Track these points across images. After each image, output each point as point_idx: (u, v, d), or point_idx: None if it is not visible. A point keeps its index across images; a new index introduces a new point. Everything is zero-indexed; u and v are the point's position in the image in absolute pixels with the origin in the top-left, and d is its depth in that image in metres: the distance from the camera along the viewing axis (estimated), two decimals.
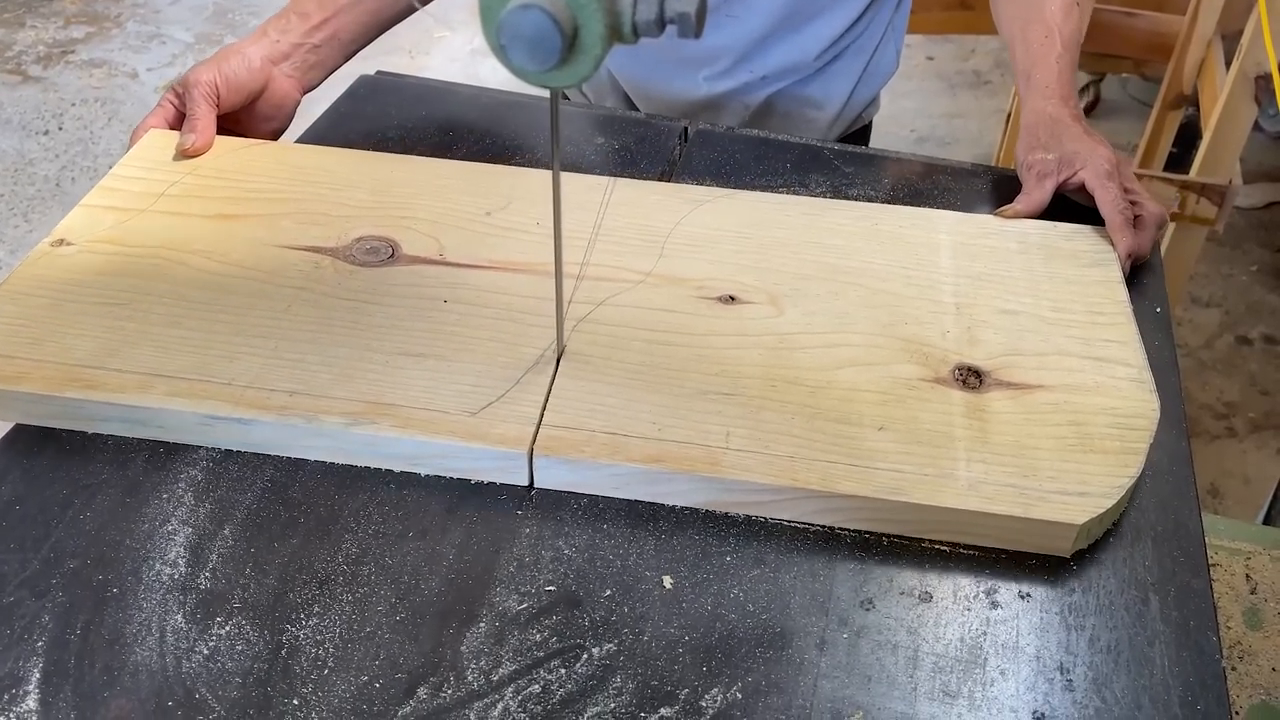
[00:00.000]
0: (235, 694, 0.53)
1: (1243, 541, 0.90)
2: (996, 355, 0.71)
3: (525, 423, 0.65)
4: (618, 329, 0.72)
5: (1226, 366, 2.15)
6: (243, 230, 0.79)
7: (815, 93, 1.10)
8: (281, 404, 0.65)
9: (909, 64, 3.09)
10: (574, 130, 0.98)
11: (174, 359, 0.68)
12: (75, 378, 0.67)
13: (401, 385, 0.67)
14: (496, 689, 0.54)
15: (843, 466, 0.62)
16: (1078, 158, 0.82)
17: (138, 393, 0.66)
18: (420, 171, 0.86)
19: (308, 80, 0.95)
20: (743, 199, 0.84)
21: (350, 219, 0.80)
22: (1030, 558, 0.61)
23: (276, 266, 0.76)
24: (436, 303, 0.73)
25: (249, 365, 0.68)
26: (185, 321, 0.71)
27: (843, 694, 0.55)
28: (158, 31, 3.23)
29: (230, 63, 0.88)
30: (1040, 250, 0.80)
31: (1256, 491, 1.87)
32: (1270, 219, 2.54)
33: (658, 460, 0.62)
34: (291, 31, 0.92)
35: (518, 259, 0.77)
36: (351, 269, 0.76)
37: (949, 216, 0.83)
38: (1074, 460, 0.63)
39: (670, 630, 0.57)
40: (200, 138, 0.86)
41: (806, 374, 0.68)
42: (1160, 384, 0.73)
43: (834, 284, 0.76)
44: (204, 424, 0.65)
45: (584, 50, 0.49)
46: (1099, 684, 0.55)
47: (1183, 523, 0.64)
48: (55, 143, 2.74)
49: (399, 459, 0.65)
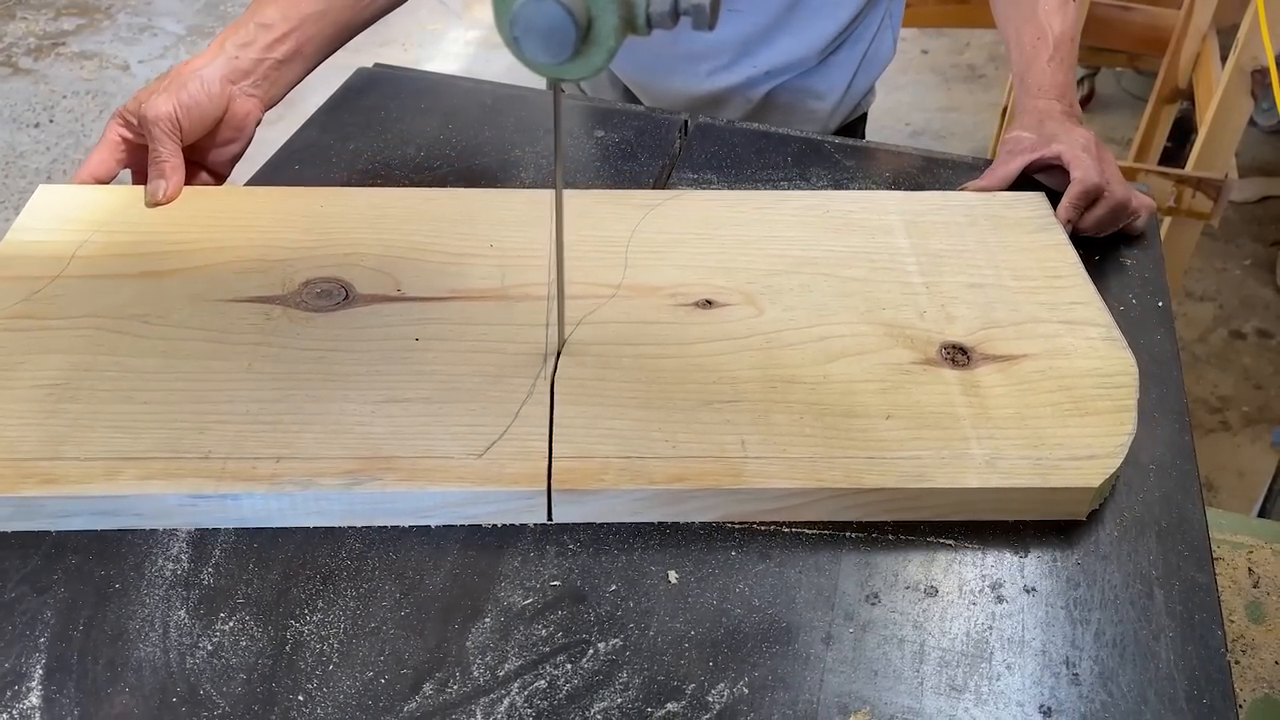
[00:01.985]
0: (239, 690, 0.53)
1: (1245, 535, 0.90)
2: (975, 330, 0.72)
3: (536, 458, 0.62)
4: (604, 347, 0.69)
5: (1221, 360, 2.15)
6: (177, 287, 0.73)
7: (816, 84, 1.10)
8: (270, 472, 0.60)
9: (904, 58, 3.09)
10: (574, 123, 0.97)
11: (137, 438, 0.62)
12: (28, 474, 0.59)
13: (395, 435, 0.63)
14: (502, 684, 0.54)
15: (862, 460, 0.62)
16: (1055, 138, 0.83)
17: (106, 481, 0.59)
18: (351, 204, 0.81)
19: (270, 97, 0.87)
20: (691, 200, 0.83)
21: (291, 263, 0.75)
22: (1035, 550, 0.61)
23: (225, 323, 0.70)
24: (408, 342, 0.69)
25: (223, 434, 0.62)
26: (138, 395, 0.64)
27: (849, 689, 0.54)
28: (149, 23, 3.21)
29: (189, 90, 0.80)
30: (987, 221, 0.82)
31: (1250, 485, 1.88)
32: (1265, 213, 2.55)
33: (680, 479, 0.61)
34: (253, 46, 0.84)
35: (481, 286, 0.74)
36: (306, 316, 0.71)
37: (894, 196, 0.85)
38: (1073, 425, 0.65)
39: (676, 625, 0.57)
40: (172, 184, 0.80)
41: (802, 371, 0.68)
42: (1162, 378, 0.73)
43: (802, 276, 0.76)
44: (186, 505, 0.60)
45: (598, 42, 0.49)
46: (1105, 678, 0.55)
47: (1186, 517, 0.64)
48: (46, 135, 2.73)
49: (408, 514, 0.61)
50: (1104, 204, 0.81)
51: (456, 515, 0.61)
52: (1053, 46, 0.87)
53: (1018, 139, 0.85)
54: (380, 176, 0.89)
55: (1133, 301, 0.79)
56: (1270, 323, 2.26)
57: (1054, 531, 0.63)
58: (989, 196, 0.84)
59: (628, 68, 1.12)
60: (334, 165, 0.91)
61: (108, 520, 0.60)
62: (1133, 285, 0.81)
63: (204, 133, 0.83)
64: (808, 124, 1.12)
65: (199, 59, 0.83)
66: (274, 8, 0.85)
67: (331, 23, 0.88)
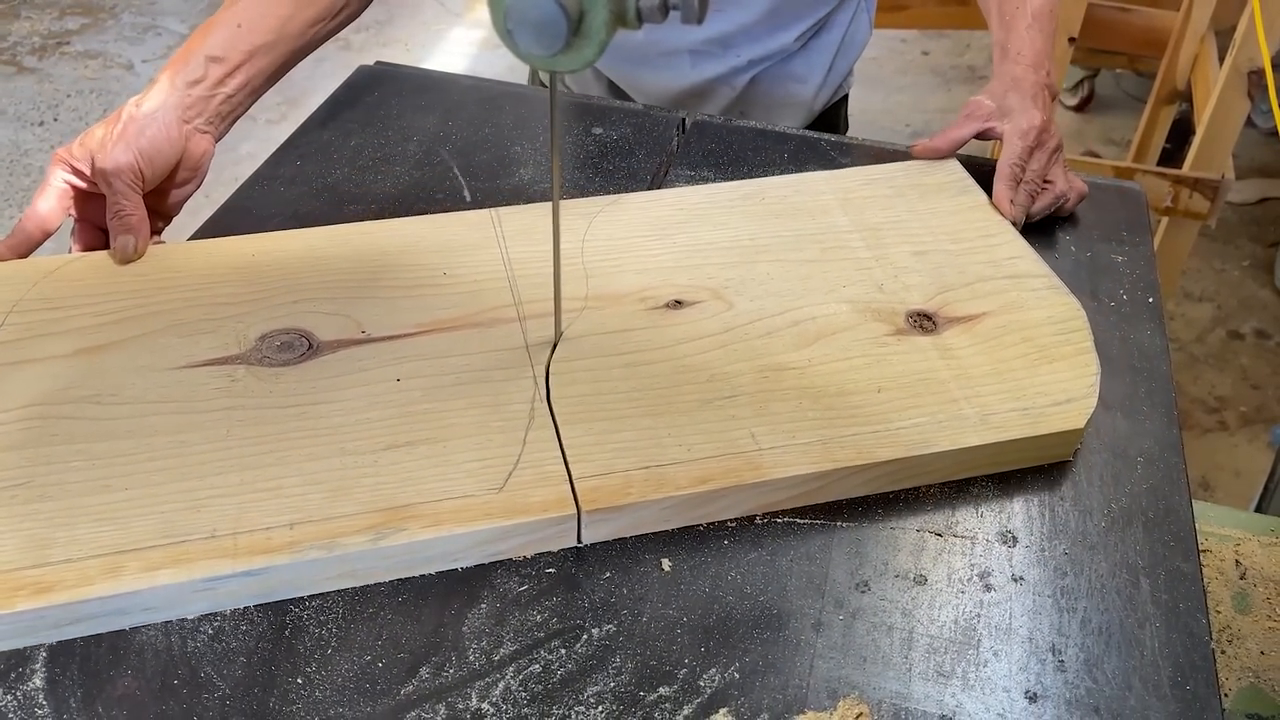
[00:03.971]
0: (239, 673, 0.54)
1: (1233, 528, 0.91)
2: (933, 296, 0.74)
3: (556, 482, 0.60)
4: (590, 360, 0.68)
5: (1218, 361, 2.16)
6: (119, 361, 0.67)
7: (798, 68, 1.12)
8: (287, 540, 0.57)
9: (904, 59, 3.10)
10: (571, 121, 0.98)
11: (127, 529, 0.57)
12: (17, 585, 0.54)
13: (408, 482, 0.60)
14: (498, 668, 0.55)
15: (869, 435, 0.64)
16: (1011, 114, 0.85)
17: (109, 579, 0.54)
18: (284, 247, 0.77)
19: (220, 131, 0.83)
20: (629, 203, 0.83)
21: (238, 318, 0.71)
22: (1023, 540, 0.62)
23: (187, 392, 0.65)
24: (389, 384, 0.66)
25: (222, 509, 0.58)
26: (115, 482, 0.59)
27: (838, 674, 0.55)
28: (153, 23, 3.23)
29: (148, 136, 0.76)
30: (912, 190, 0.85)
31: (1247, 484, 1.89)
32: (1262, 214, 2.56)
33: (703, 481, 0.61)
34: (204, 82, 0.80)
35: (447, 315, 0.71)
36: (274, 371, 0.67)
37: (821, 175, 0.87)
38: (1044, 373, 0.68)
39: (669, 612, 0.58)
40: (141, 239, 0.75)
41: (786, 358, 0.69)
42: (1151, 373, 0.74)
43: (759, 265, 0.77)
44: (203, 590, 0.56)
45: (589, 35, 0.50)
46: (1090, 665, 0.56)
47: (1173, 508, 0.65)
48: (50, 134, 2.74)
49: (437, 560, 0.59)
50: (1022, 190, 0.84)
51: (487, 553, 0.59)
52: (1031, 16, 0.89)
53: (978, 104, 0.88)
54: (381, 172, 0.90)
55: (1123, 297, 0.80)
56: (1268, 323, 2.26)
57: (1043, 521, 0.64)
58: (908, 166, 0.88)
59: (613, 63, 1.12)
60: (335, 161, 0.92)
61: (116, 621, 0.55)
62: (1123, 281, 0.82)
63: (164, 177, 0.79)
64: (791, 109, 1.14)
65: (149, 98, 0.78)
66: (221, 37, 0.81)
67: (282, 53, 0.85)
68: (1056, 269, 0.79)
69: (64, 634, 0.55)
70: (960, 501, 0.64)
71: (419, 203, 0.87)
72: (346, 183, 0.89)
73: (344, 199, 0.87)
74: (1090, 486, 0.66)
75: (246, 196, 0.88)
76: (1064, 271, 0.82)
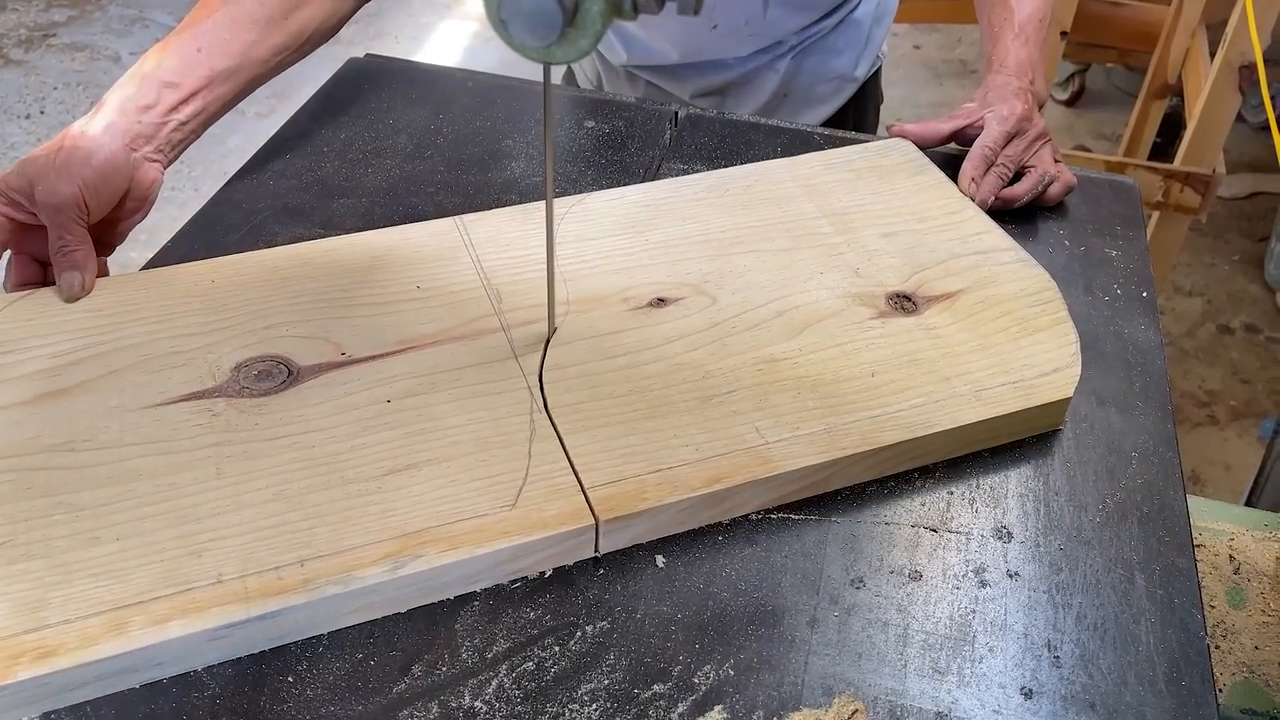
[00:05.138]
0: (230, 670, 0.54)
1: (1226, 522, 0.92)
2: (909, 276, 0.75)
3: (570, 493, 0.59)
4: (582, 366, 0.67)
5: (1208, 355, 2.17)
6: (88, 404, 0.63)
7: (837, 42, 1.13)
8: (301, 578, 0.54)
9: (896, 53, 3.10)
10: (564, 114, 0.98)
11: (127, 581, 0.53)
12: (16, 653, 0.50)
13: (417, 506, 0.58)
14: (491, 666, 0.54)
15: (869, 421, 0.64)
16: (993, 105, 0.87)
17: (116, 637, 0.51)
18: (245, 270, 0.74)
19: (170, 158, 0.78)
20: (594, 202, 0.81)
21: (208, 348, 0.67)
22: (1018, 535, 0.62)
23: (167, 431, 0.62)
24: (380, 406, 0.64)
25: (225, 551, 0.55)
26: (104, 533, 0.56)
27: (834, 671, 0.55)
28: (140, 15, 3.21)
29: (93, 167, 0.71)
30: (871, 172, 0.86)
31: (1237, 478, 1.89)
32: (1253, 209, 2.57)
33: (717, 479, 0.60)
34: (156, 108, 0.75)
35: (428, 330, 0.69)
36: (256, 402, 0.64)
37: (781, 163, 0.87)
38: (1027, 345, 0.70)
39: (663, 608, 0.57)
40: (88, 276, 0.70)
41: (778, 349, 0.69)
42: (1146, 367, 0.74)
43: (735, 257, 0.76)
44: (219, 638, 0.53)
45: (584, 25, 0.49)
46: (1086, 660, 0.56)
47: (1168, 503, 0.65)
48: (37, 126, 2.72)
49: (455, 584, 0.57)
50: (992, 173, 0.84)
51: (506, 573, 0.57)
52: (1018, 26, 0.90)
53: (963, 108, 0.90)
54: (372, 165, 0.90)
55: (1117, 292, 0.80)
56: (1257, 318, 2.27)
57: (1038, 516, 0.63)
58: (864, 148, 0.89)
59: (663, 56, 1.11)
60: (325, 155, 0.91)
61: (125, 679, 0.52)
62: (1118, 276, 0.81)
63: (110, 209, 0.74)
64: (834, 84, 1.15)
65: (94, 122, 0.73)
66: (178, 60, 0.77)
67: (242, 80, 0.80)
68: (1050, 263, 0.79)
69: (68, 699, 0.51)
70: (955, 497, 0.64)
71: (410, 196, 0.86)
72: (337, 176, 0.88)
73: (334, 192, 0.87)
74: (1085, 481, 0.66)
75: (235, 190, 0.87)
76: (1058, 265, 0.82)
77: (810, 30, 1.10)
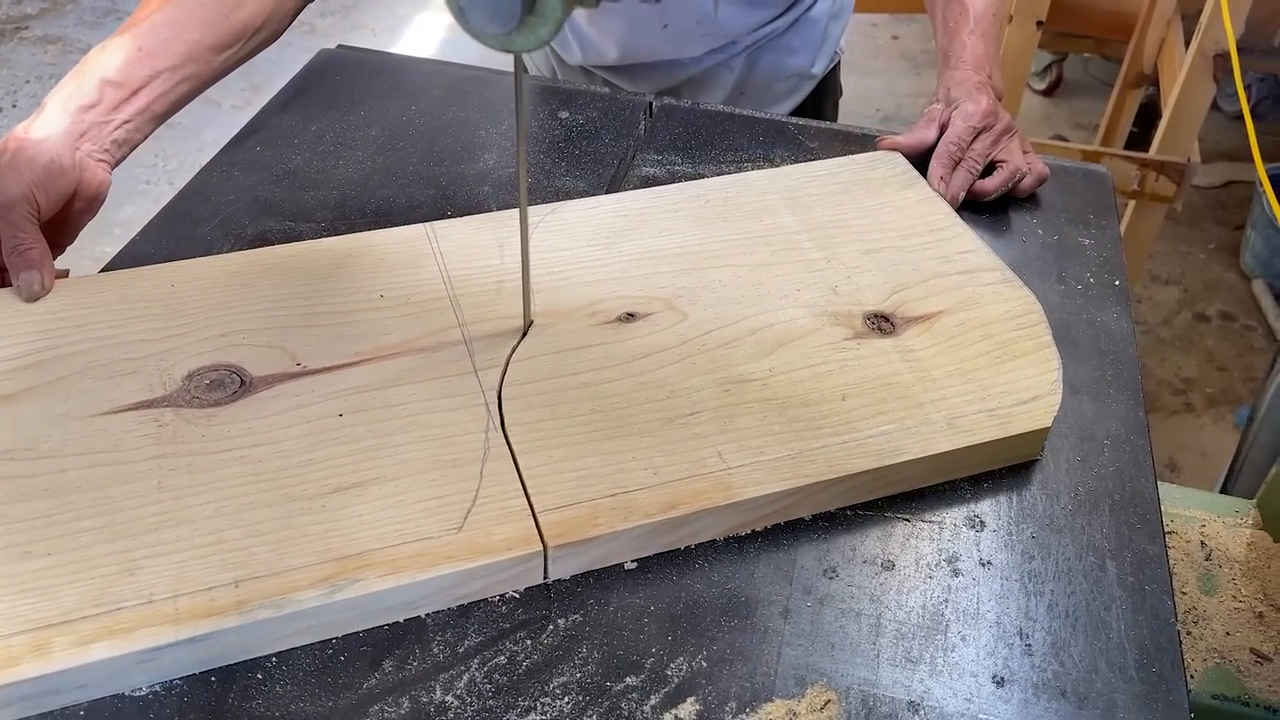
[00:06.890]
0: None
1: (1198, 509, 0.92)
2: (889, 295, 0.72)
3: (520, 517, 0.57)
4: (544, 383, 0.65)
5: (1184, 343, 2.18)
6: (31, 411, 0.61)
7: (792, 40, 1.12)
8: (234, 600, 0.52)
9: (875, 43, 3.10)
10: (538, 105, 0.97)
11: (54, 598, 0.52)
12: None
13: (360, 526, 0.56)
14: (462, 660, 0.54)
15: (837, 447, 0.62)
16: (957, 102, 0.86)
17: (37, 658, 0.49)
18: (204, 275, 0.72)
19: (117, 158, 0.77)
20: (567, 211, 0.79)
21: (161, 355, 0.65)
22: (991, 524, 0.62)
23: (111, 441, 0.60)
24: (330, 420, 0.62)
25: (159, 569, 0.53)
26: (36, 548, 0.54)
27: (806, 661, 0.55)
28: (113, 7, 3.17)
29: (40, 165, 0.70)
30: (857, 185, 0.83)
31: (1212, 465, 1.91)
32: (1228, 198, 2.58)
33: (673, 506, 0.58)
34: (98, 107, 0.74)
35: (387, 342, 0.67)
36: (205, 413, 0.62)
37: (764, 174, 0.85)
38: (1007, 370, 0.67)
39: (636, 601, 0.57)
40: (46, 274, 0.69)
41: (747, 369, 0.66)
42: (1118, 355, 0.74)
43: (709, 272, 0.74)
44: (145, 661, 0.51)
45: (544, 12, 0.49)
46: (1057, 648, 0.56)
47: (1139, 490, 0.65)
48: (9, 120, 2.69)
49: (397, 609, 0.55)
50: (960, 170, 0.84)
51: (450, 599, 0.56)
52: (973, 21, 0.89)
53: (931, 110, 0.89)
54: (343, 157, 0.89)
55: (1090, 280, 0.80)
56: (1233, 306, 2.29)
57: (1010, 505, 0.63)
58: (851, 161, 0.86)
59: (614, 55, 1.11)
60: (296, 146, 0.90)
61: (48, 701, 0.50)
62: (1090, 264, 0.82)
63: (60, 208, 0.73)
64: (791, 81, 1.14)
65: (38, 125, 0.72)
66: (119, 59, 0.76)
67: (187, 77, 0.79)
68: (1023, 252, 0.79)
69: None
70: (928, 487, 0.64)
71: (382, 188, 0.85)
72: (308, 168, 0.88)
73: (305, 184, 0.86)
74: (1057, 470, 0.66)
75: (205, 182, 0.86)
76: (1031, 255, 0.82)
77: (764, 30, 1.09)
